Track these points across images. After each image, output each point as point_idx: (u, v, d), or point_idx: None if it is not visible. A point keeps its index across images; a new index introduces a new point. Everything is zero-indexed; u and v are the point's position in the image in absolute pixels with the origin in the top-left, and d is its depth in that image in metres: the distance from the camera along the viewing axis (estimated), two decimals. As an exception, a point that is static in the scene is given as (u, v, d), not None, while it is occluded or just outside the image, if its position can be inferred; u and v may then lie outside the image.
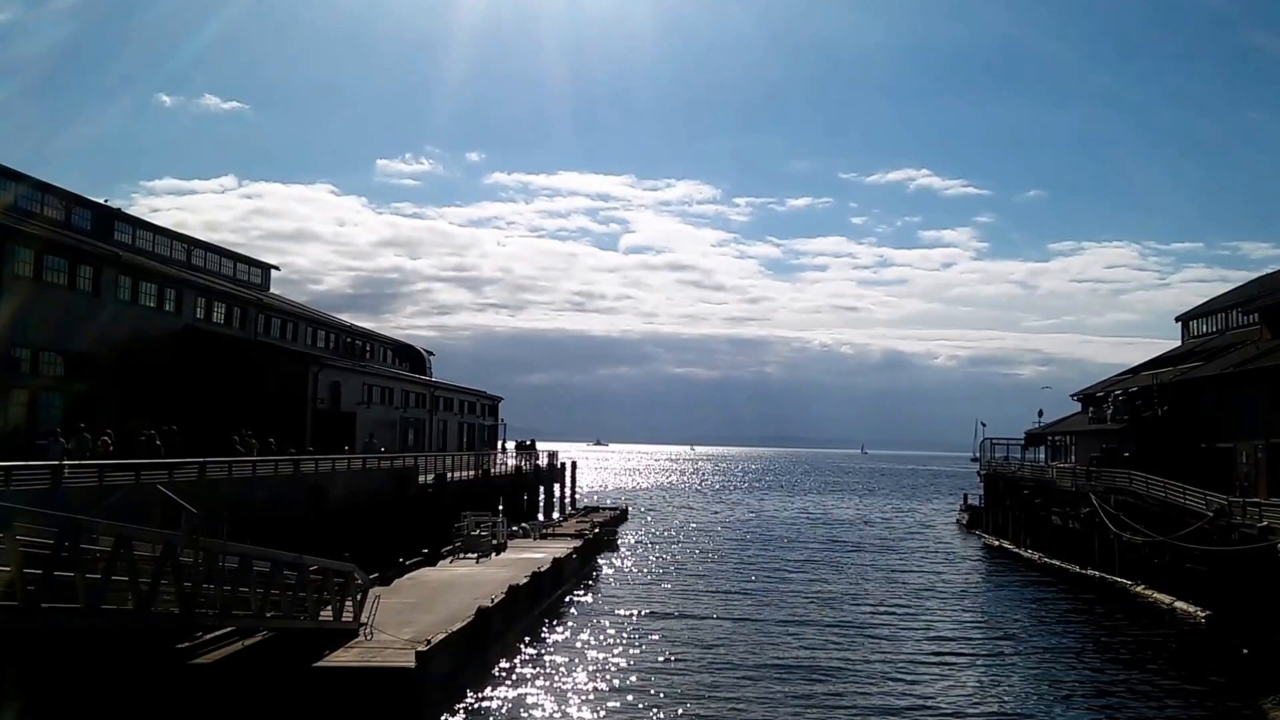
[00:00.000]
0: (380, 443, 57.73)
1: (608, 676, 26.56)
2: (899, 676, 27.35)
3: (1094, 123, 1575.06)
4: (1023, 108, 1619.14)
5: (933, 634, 33.78)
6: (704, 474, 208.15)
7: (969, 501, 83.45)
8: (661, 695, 24.73)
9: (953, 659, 30.01)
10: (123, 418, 41.88)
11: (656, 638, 31.95)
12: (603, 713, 23.29)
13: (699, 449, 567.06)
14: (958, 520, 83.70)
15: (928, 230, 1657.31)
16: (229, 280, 64.95)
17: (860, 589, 44.02)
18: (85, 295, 44.10)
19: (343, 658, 22.86)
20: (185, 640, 21.63)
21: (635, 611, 36.52)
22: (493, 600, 28.48)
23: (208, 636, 22.29)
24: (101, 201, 54.91)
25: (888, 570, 51.11)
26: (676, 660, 28.73)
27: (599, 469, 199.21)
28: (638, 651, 29.74)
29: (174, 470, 28.73)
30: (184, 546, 18.55)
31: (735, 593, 42.35)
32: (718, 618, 35.98)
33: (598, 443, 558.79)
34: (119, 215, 56.28)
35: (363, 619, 25.26)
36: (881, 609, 38.65)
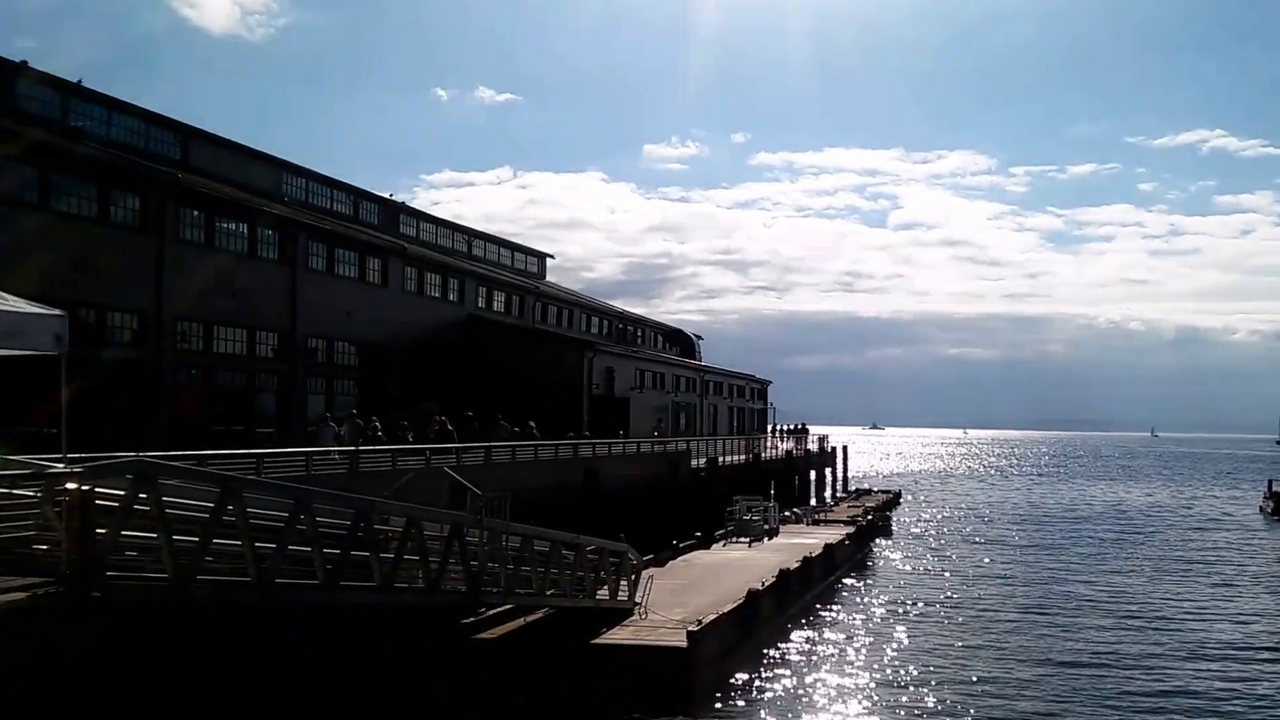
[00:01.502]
0: (666, 428, 58.89)
1: (880, 666, 25.91)
2: (1200, 681, 25.44)
3: None
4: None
5: (1236, 633, 31.40)
6: (980, 458, 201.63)
7: (1274, 488, 77.42)
8: (938, 688, 23.88)
9: (1255, 659, 27.82)
10: (410, 404, 44.15)
11: (933, 627, 31.01)
12: (873, 703, 22.74)
13: (973, 433, 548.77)
14: (1260, 508, 77.80)
15: (1224, 195, 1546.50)
16: (507, 269, 67.52)
17: (1154, 582, 41.37)
18: (375, 287, 46.69)
19: (618, 636, 23.26)
20: (470, 616, 22.49)
21: (910, 599, 35.56)
22: (763, 583, 28.37)
23: (491, 613, 23.09)
24: (387, 196, 58.10)
25: (1184, 562, 47.84)
26: (954, 652, 27.70)
27: (870, 453, 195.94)
28: (913, 641, 28.90)
29: (461, 454, 30.05)
30: (470, 527, 19.32)
31: (1017, 583, 40.59)
32: (999, 608, 34.55)
33: (874, 426, 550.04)
34: (403, 209, 59.45)
35: (637, 598, 25.65)
36: (1178, 603, 36.17)
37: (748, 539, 40.24)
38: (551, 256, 78.87)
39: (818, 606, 33.20)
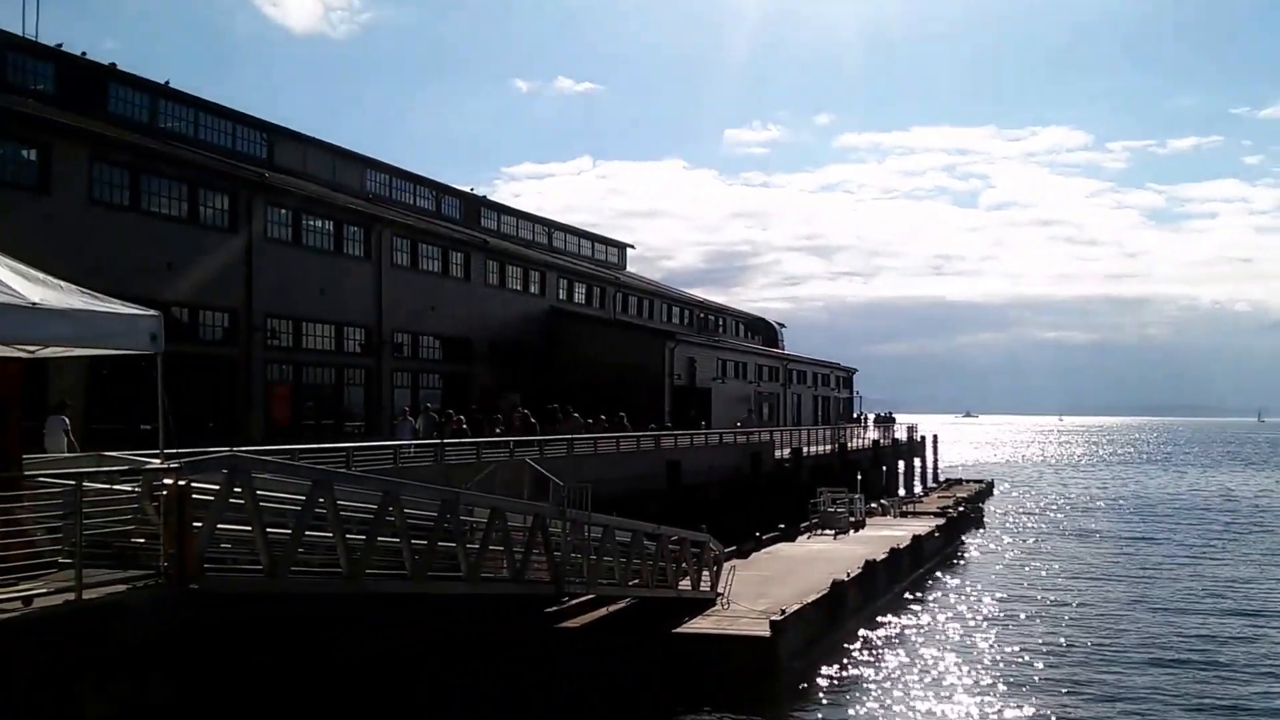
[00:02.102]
0: (755, 418, 58.72)
1: (970, 661, 25.36)
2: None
3: None
4: None
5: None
6: (1078, 446, 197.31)
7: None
8: (1031, 687, 23.29)
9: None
10: (494, 396, 44.61)
11: (1027, 623, 30.13)
12: (963, 700, 22.37)
13: (1068, 419, 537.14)
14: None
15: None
16: (588, 260, 67.81)
17: (1265, 574, 39.98)
18: (458, 281, 47.23)
19: (700, 625, 23.30)
20: (553, 606, 22.70)
21: (1003, 593, 34.77)
22: (849, 574, 28.16)
23: (573, 603, 23.29)
24: (468, 189, 58.66)
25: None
26: (1049, 649, 26.86)
27: (962, 441, 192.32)
28: (1005, 636, 28.15)
29: (543, 446, 30.29)
30: (553, 518, 19.52)
31: (1117, 577, 39.16)
32: (1097, 604, 33.41)
33: (967, 415, 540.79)
34: (484, 202, 60.02)
35: (719, 589, 25.69)
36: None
37: (832, 531, 39.93)
38: (632, 246, 79.03)
39: (905, 599, 32.79)
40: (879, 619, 29.20)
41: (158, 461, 12.40)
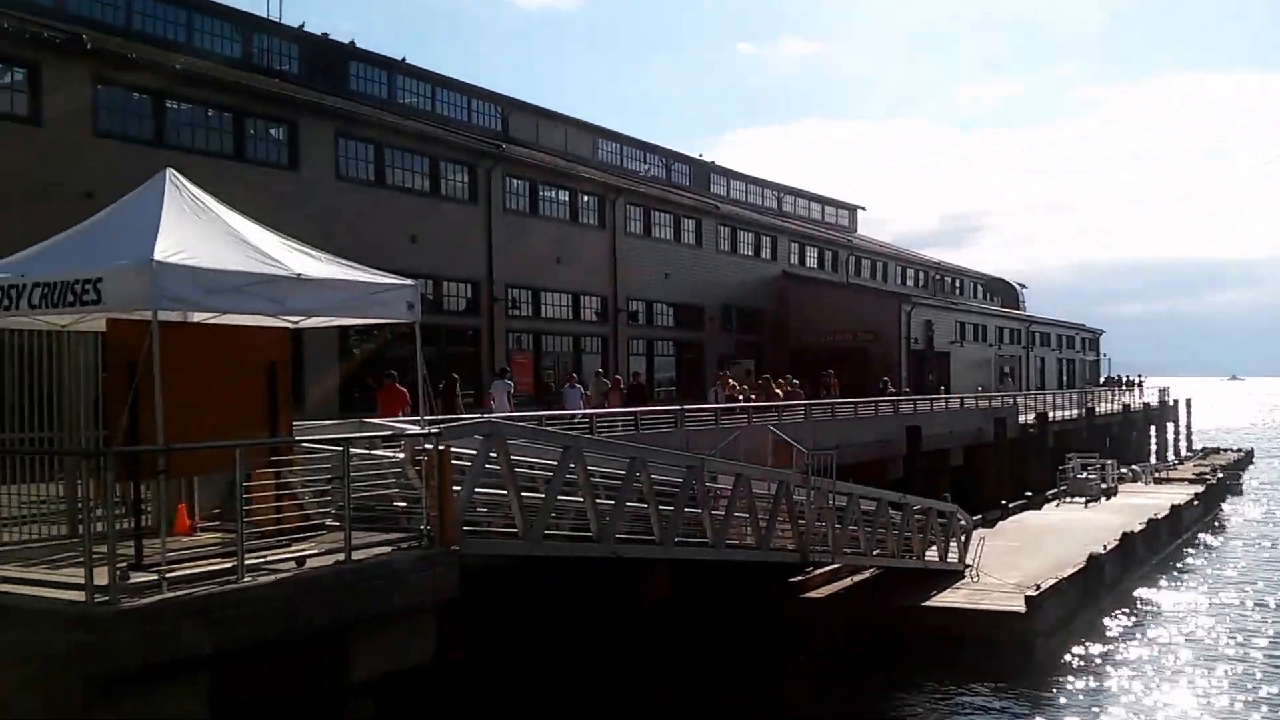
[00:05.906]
0: (1012, 383, 56.97)
1: (1236, 643, 23.57)
2: None
3: None
4: None
5: None
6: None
7: None
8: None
9: None
10: (727, 363, 44.49)
11: None
12: (1226, 684, 20.63)
13: None
14: None
15: None
16: (818, 224, 66.85)
17: None
18: (689, 248, 47.23)
19: (951, 598, 22.57)
20: (798, 575, 22.39)
21: (1271, 570, 32.48)
22: (1105, 547, 26.77)
23: (817, 572, 22.91)
24: (697, 155, 58.56)
25: None
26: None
27: (1215, 406, 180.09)
28: (1275, 617, 26.28)
29: (781, 413, 29.96)
30: (797, 485, 19.20)
31: None
32: None
33: (1234, 377, 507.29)
34: (713, 168, 59.79)
35: (967, 560, 24.84)
36: None
37: (1083, 499, 38.15)
38: (862, 208, 77.40)
39: (1164, 573, 30.95)
40: (1136, 594, 27.64)
41: (416, 428, 12.66)
